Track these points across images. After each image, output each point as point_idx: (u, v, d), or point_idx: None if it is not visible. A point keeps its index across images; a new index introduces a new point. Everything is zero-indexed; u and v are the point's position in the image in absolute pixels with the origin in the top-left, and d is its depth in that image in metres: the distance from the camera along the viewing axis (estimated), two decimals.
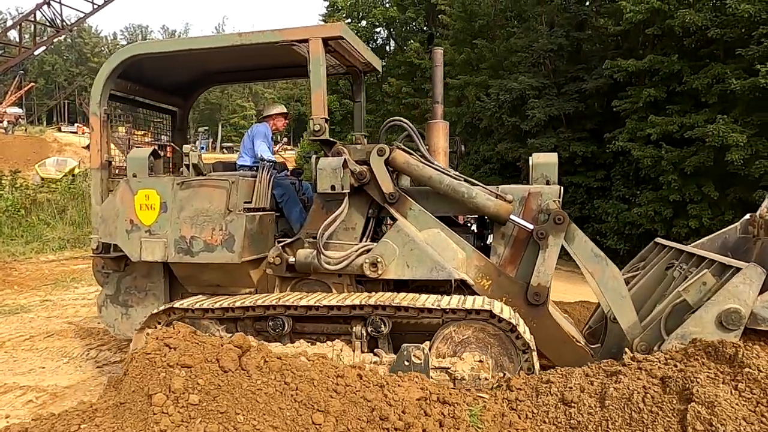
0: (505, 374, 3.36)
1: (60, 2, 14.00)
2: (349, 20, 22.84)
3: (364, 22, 22.59)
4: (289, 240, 4.30)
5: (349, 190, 3.95)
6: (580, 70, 13.04)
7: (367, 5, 22.43)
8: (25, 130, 47.61)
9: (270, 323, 3.78)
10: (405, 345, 3.41)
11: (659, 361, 2.86)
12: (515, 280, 3.91)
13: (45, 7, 14.00)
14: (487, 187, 4.03)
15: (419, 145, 4.19)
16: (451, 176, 4.00)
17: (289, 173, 5.21)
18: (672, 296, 3.57)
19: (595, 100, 12.79)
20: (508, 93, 13.45)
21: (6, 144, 36.65)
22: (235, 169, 5.06)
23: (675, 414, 2.59)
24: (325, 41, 4.06)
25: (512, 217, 3.88)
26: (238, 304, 3.83)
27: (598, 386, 2.82)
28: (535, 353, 3.44)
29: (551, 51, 13.19)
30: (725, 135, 9.20)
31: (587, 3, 13.93)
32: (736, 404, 2.53)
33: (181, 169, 4.52)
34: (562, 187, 4.02)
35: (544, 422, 2.84)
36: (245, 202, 4.08)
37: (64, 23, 14.55)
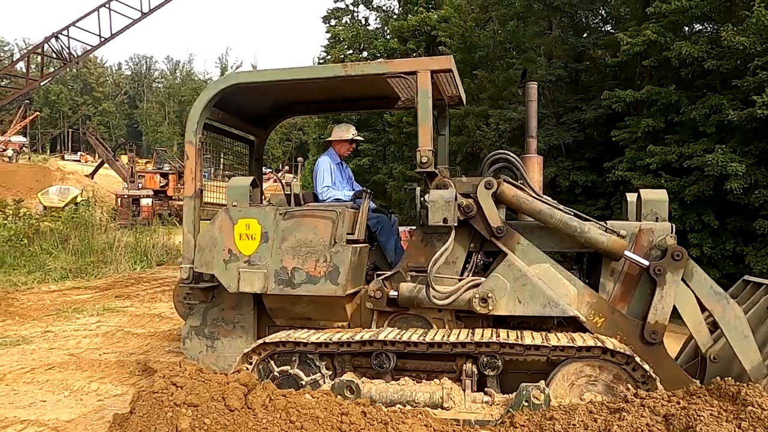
0: (509, 411, 3.36)
1: (68, 35, 14.29)
2: (351, 51, 23.25)
3: (365, 53, 22.98)
4: (388, 273, 4.20)
5: (456, 223, 3.87)
6: (578, 100, 13.22)
7: (368, 37, 22.87)
8: (29, 158, 48.04)
9: (375, 359, 3.69)
10: (524, 384, 3.33)
11: (662, 399, 2.86)
12: (630, 318, 3.80)
13: (53, 40, 14.28)
14: (598, 222, 3.97)
15: (525, 178, 4.13)
16: (561, 210, 3.94)
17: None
18: None
19: (594, 130, 12.95)
20: (507, 123, 13.61)
21: (10, 172, 36.89)
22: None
23: None
24: (433, 73, 4.02)
25: (627, 252, 3.79)
26: (365, 337, 3.72)
27: (601, 423, 2.82)
28: (657, 380, 3.35)
29: (550, 81, 13.39)
30: (724, 164, 9.28)
31: (585, 35, 14.20)
32: None
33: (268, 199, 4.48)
34: (673, 225, 3.96)
35: None
36: (348, 234, 4.01)
37: (72, 55, 14.82)
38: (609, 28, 14.56)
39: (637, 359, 3.42)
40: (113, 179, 35.95)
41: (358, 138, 5.35)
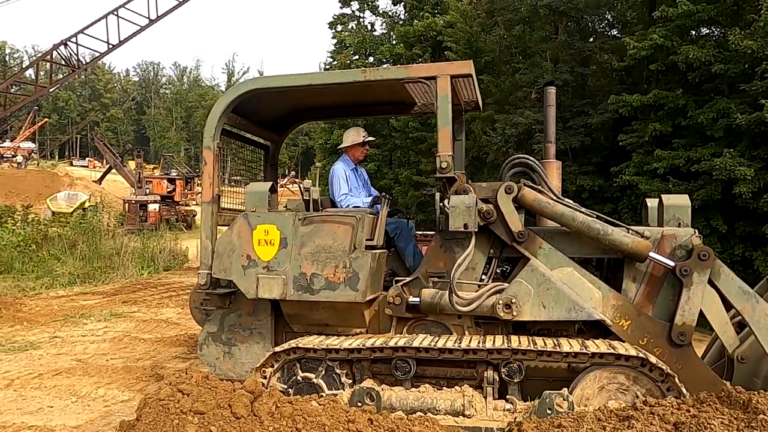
0: (515, 418, 3.33)
1: (76, 42, 14.41)
2: (357, 57, 23.32)
3: (371, 59, 23.05)
4: (407, 279, 4.15)
5: (477, 229, 3.83)
6: (585, 104, 13.20)
7: (374, 42, 22.95)
8: (38, 164, 48.43)
9: (396, 366, 3.65)
10: (547, 392, 3.28)
11: (672, 406, 2.83)
12: (656, 320, 3.76)
13: (62, 47, 14.42)
14: (621, 224, 3.91)
15: (546, 182, 4.07)
16: (583, 213, 3.89)
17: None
18: None
19: (600, 134, 12.92)
20: (514, 127, 13.60)
21: (19, 178, 37.20)
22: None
23: None
24: (453, 78, 4.00)
25: (652, 254, 3.73)
26: (390, 344, 3.68)
27: (610, 431, 2.79)
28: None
29: (556, 86, 13.38)
30: (732, 168, 9.23)
31: (591, 39, 14.19)
32: None
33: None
34: (696, 230, 3.92)
35: None
36: (367, 240, 3.99)
37: (80, 62, 14.95)
38: (615, 33, 14.55)
39: (647, 358, 3.36)
40: (121, 185, 36.17)
41: (370, 139, 5.30)
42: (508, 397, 3.53)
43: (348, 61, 23.02)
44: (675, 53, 10.42)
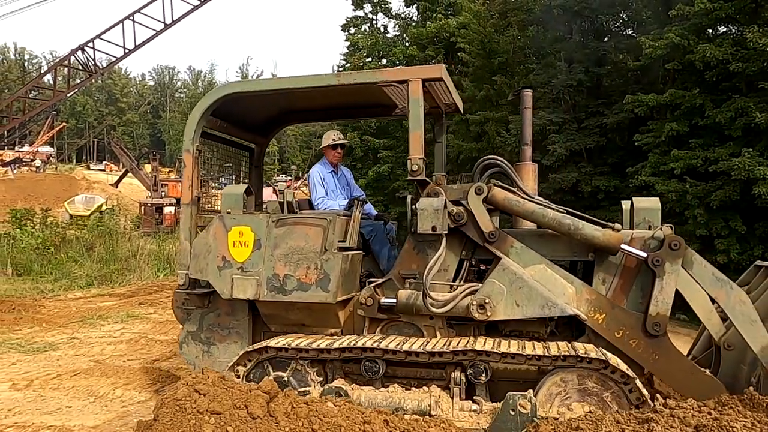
0: (533, 420, 3.30)
1: (93, 47, 14.60)
2: (370, 59, 23.32)
3: (384, 61, 23.04)
4: (380, 281, 4.22)
5: (446, 231, 3.89)
6: (600, 105, 13.07)
7: (387, 44, 22.92)
8: (56, 168, 49.16)
9: (365, 366, 3.69)
10: (510, 393, 3.29)
11: (693, 409, 2.79)
12: (630, 311, 3.77)
13: (79, 52, 14.61)
14: (592, 218, 3.94)
15: (517, 181, 4.13)
16: (553, 209, 3.92)
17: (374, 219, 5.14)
18: None
19: (616, 135, 12.77)
20: None
21: (37, 182, 37.82)
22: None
23: None
24: (425, 82, 4.05)
25: (623, 246, 3.75)
26: (359, 344, 3.73)
27: None
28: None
29: (570, 86, 13.28)
30: (751, 168, 9.08)
31: (606, 39, 14.06)
32: None
33: (264, 206, 4.54)
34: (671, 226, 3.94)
35: None
36: (339, 241, 4.05)
37: (97, 67, 15.15)
38: (630, 32, 14.38)
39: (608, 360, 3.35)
40: (137, 188, 36.56)
41: (343, 142, 5.39)
42: (475, 397, 3.55)
43: (361, 63, 23.02)
44: (692, 52, 10.28)
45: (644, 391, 3.27)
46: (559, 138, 12.84)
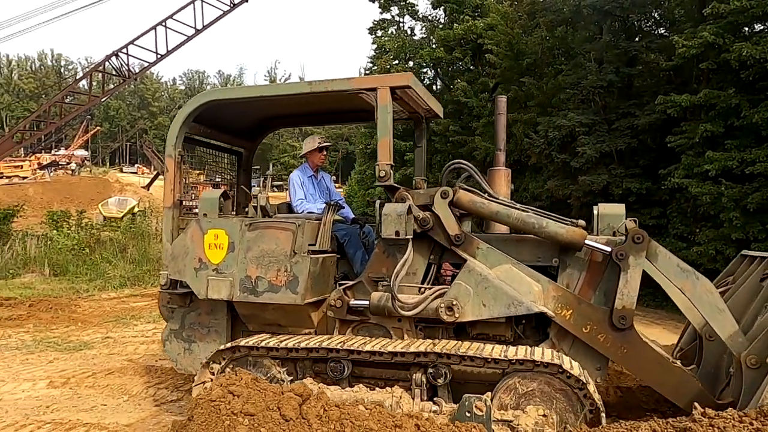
0: (565, 426, 3.26)
1: (127, 53, 14.94)
2: (396, 61, 23.33)
3: (411, 63, 23.03)
4: (350, 283, 4.32)
5: (412, 236, 3.96)
6: (631, 105, 12.84)
7: (414, 47, 22.89)
8: (90, 171, 50.44)
9: (330, 366, 3.78)
10: (466, 396, 3.33)
11: (733, 419, 2.71)
12: (597, 306, 3.80)
13: (113, 58, 14.97)
14: (557, 216, 3.98)
15: (482, 183, 4.19)
16: (518, 209, 3.98)
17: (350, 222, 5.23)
18: None
19: (648, 136, 12.52)
20: (557, 130, 13.35)
21: (73, 185, 38.88)
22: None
23: None
24: (393, 90, 4.14)
25: (588, 241, 3.79)
26: (303, 345, 3.84)
27: None
28: (603, 413, 3.28)
29: (601, 87, 13.07)
30: None
31: (637, 39, 13.80)
32: None
33: (246, 209, 4.67)
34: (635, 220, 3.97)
35: None
36: (310, 245, 4.14)
37: (130, 72, 15.49)
38: (663, 31, 14.09)
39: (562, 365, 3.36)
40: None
41: (325, 144, 5.52)
42: (435, 399, 3.56)
43: (388, 66, 23.07)
44: (727, 51, 10.03)
45: (596, 396, 3.30)
46: (589, 140, 12.65)
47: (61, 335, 8.06)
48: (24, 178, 40.88)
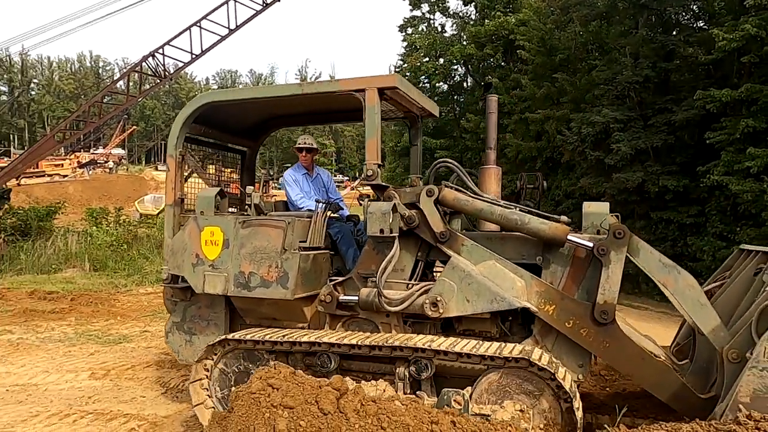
0: (605, 427, 3.22)
1: (163, 54, 15.23)
2: (427, 59, 23.26)
3: (441, 60, 22.94)
4: (340, 279, 4.44)
5: (397, 234, 4.06)
6: (668, 101, 12.53)
7: (444, 43, 22.78)
8: (127, 169, 51.71)
9: (317, 359, 3.88)
10: (445, 390, 3.42)
11: None
12: (579, 301, 3.83)
13: (150, 58, 15.28)
14: (540, 213, 4.05)
15: (467, 181, 4.28)
16: (501, 206, 4.04)
17: (345, 220, 5.31)
18: (762, 297, 3.39)
19: (685, 132, 12.20)
20: (590, 126, 13.13)
21: (110, 183, 39.99)
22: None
23: None
24: (381, 91, 4.23)
25: (570, 237, 3.83)
26: (286, 338, 3.97)
27: None
28: (578, 403, 3.29)
29: (636, 83, 12.79)
30: None
31: (675, 32, 13.45)
32: None
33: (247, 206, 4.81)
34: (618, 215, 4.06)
35: None
36: (301, 241, 4.26)
37: (166, 72, 15.80)
38: (701, 24, 13.70)
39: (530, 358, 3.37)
40: (201, 187, 37.87)
41: (306, 146, 5.63)
42: (418, 393, 3.61)
43: (418, 63, 23.02)
44: None
45: (567, 386, 3.30)
46: (624, 136, 12.40)
47: (102, 328, 8.31)
48: (64, 176, 42.17)
